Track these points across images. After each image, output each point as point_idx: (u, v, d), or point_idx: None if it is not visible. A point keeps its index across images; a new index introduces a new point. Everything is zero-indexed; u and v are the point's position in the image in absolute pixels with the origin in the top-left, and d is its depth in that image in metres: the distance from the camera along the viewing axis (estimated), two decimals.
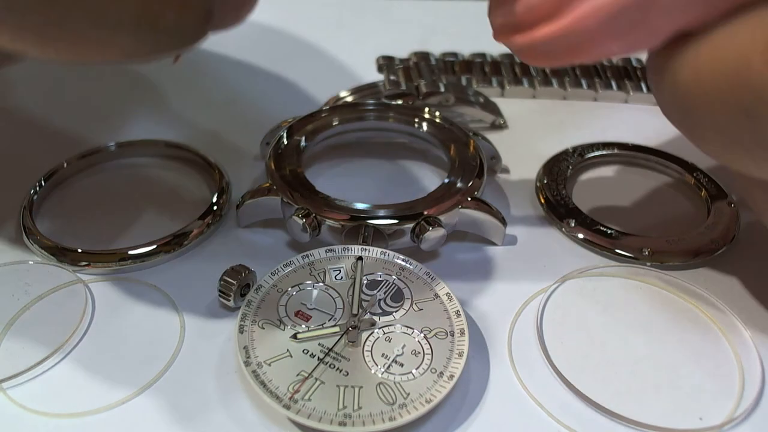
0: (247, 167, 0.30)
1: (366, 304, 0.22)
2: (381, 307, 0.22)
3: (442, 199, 0.25)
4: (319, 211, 0.24)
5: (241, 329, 0.21)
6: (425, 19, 0.43)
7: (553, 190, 0.28)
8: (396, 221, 0.24)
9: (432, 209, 0.24)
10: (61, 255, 0.24)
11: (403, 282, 0.23)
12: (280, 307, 0.22)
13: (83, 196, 0.28)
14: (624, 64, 0.35)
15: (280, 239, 0.26)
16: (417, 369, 0.20)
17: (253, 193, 0.26)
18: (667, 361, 0.22)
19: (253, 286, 0.23)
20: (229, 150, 0.31)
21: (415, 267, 0.24)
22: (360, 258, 0.24)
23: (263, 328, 0.21)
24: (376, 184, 0.29)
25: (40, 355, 0.22)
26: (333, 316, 0.22)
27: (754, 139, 0.16)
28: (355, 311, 0.22)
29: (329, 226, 0.24)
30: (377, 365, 0.21)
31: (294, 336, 0.21)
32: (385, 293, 0.23)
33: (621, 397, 0.21)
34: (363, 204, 0.25)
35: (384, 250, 0.24)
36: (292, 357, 0.21)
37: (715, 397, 0.21)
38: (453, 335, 0.21)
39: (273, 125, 0.29)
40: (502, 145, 0.29)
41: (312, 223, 0.24)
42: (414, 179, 0.30)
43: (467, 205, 0.25)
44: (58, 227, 0.26)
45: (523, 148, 0.31)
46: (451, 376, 0.20)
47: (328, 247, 0.24)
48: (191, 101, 0.34)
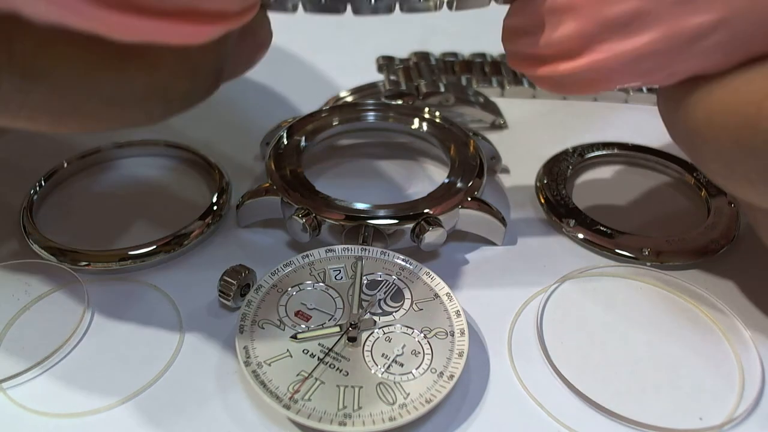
0: (247, 167, 0.30)
1: (366, 304, 0.22)
2: (381, 307, 0.22)
3: (442, 199, 0.25)
4: (319, 211, 0.24)
5: (241, 329, 0.21)
6: (425, 19, 0.43)
7: (553, 190, 0.28)
8: (396, 221, 0.24)
9: (432, 209, 0.24)
10: (61, 255, 0.24)
11: (403, 282, 0.23)
12: (280, 307, 0.22)
13: (83, 196, 0.28)
14: None
15: (280, 239, 0.26)
16: (417, 369, 0.20)
17: (253, 193, 0.26)
18: (667, 361, 0.22)
19: (253, 286, 0.23)
20: (229, 150, 0.31)
21: (415, 267, 0.24)
22: (360, 258, 0.24)
23: (263, 328, 0.21)
24: (376, 184, 0.29)
25: (40, 355, 0.22)
26: (333, 316, 0.22)
27: (760, 175, 0.17)
28: (355, 311, 0.22)
29: (329, 226, 0.24)
30: (377, 365, 0.21)
31: (294, 336, 0.21)
32: (385, 293, 0.23)
33: (621, 397, 0.21)
34: (363, 204, 0.25)
35: (384, 250, 0.24)
36: (292, 357, 0.21)
37: (715, 397, 0.21)
38: (453, 335, 0.21)
39: (273, 125, 0.29)
40: (502, 145, 0.29)
41: (312, 223, 0.24)
42: (414, 179, 0.30)
43: (467, 205, 0.25)
44: (58, 227, 0.26)
45: (523, 148, 0.31)
46: (451, 376, 0.20)
47: (328, 247, 0.24)
48: None
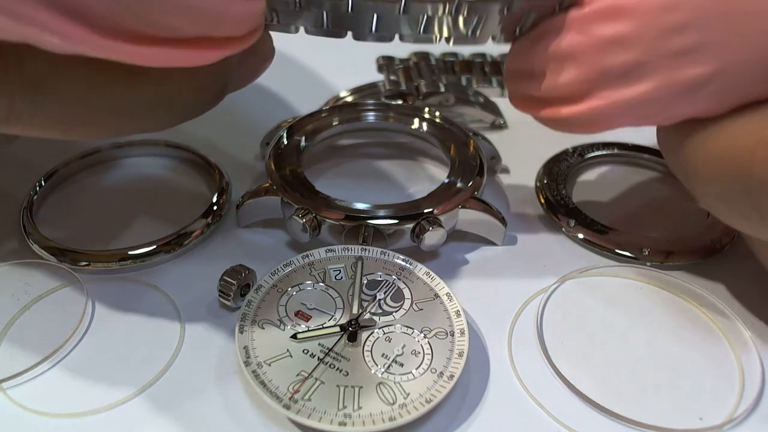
0: (247, 167, 0.30)
1: (366, 304, 0.22)
2: (381, 307, 0.22)
3: (442, 199, 0.25)
4: (319, 211, 0.24)
5: (241, 329, 0.21)
6: None
7: (553, 190, 0.28)
8: (396, 221, 0.24)
9: (432, 209, 0.24)
10: (61, 255, 0.24)
11: (403, 282, 0.23)
12: (280, 307, 0.22)
13: (83, 196, 0.28)
14: None
15: (280, 239, 0.26)
16: (417, 369, 0.20)
17: (253, 193, 0.26)
18: (667, 361, 0.22)
19: (253, 286, 0.23)
20: (229, 150, 0.31)
21: (415, 267, 0.24)
22: (360, 258, 0.24)
23: (263, 328, 0.21)
24: (376, 184, 0.29)
25: (40, 355, 0.22)
26: (333, 316, 0.22)
27: (754, 211, 0.18)
28: (355, 311, 0.22)
29: (329, 226, 0.24)
30: (377, 365, 0.21)
31: (294, 336, 0.21)
32: (385, 293, 0.23)
33: (621, 397, 0.21)
34: (363, 204, 0.25)
35: (384, 250, 0.24)
36: (292, 357, 0.21)
37: (715, 397, 0.21)
38: (453, 335, 0.21)
39: (273, 125, 0.29)
40: (502, 145, 0.29)
41: (312, 223, 0.24)
42: (414, 179, 0.30)
43: (467, 205, 0.25)
44: (58, 227, 0.26)
45: (523, 148, 0.31)
46: (451, 376, 0.20)
47: (328, 247, 0.24)
48: None
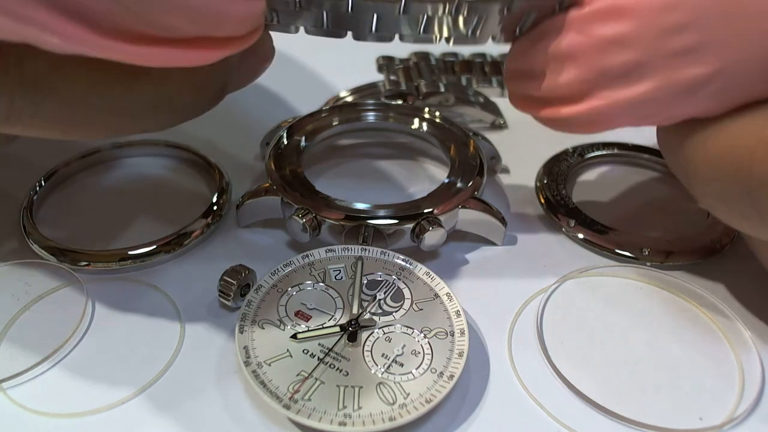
0: (247, 167, 0.30)
1: (366, 304, 0.22)
2: (381, 307, 0.22)
3: (442, 199, 0.25)
4: (319, 211, 0.24)
5: (241, 329, 0.21)
6: None
7: (553, 190, 0.28)
8: (396, 221, 0.24)
9: (432, 209, 0.24)
10: (61, 255, 0.24)
11: (403, 282, 0.23)
12: (280, 307, 0.22)
13: (83, 196, 0.28)
14: None
15: (280, 239, 0.26)
16: (417, 369, 0.20)
17: (253, 193, 0.26)
18: (667, 361, 0.22)
19: (253, 286, 0.23)
20: (229, 150, 0.31)
21: (415, 267, 0.24)
22: (360, 258, 0.24)
23: (263, 328, 0.21)
24: (376, 184, 0.29)
25: (40, 355, 0.22)
26: (333, 316, 0.22)
27: (754, 211, 0.19)
28: (355, 311, 0.22)
29: (329, 226, 0.24)
30: (377, 365, 0.21)
31: (294, 336, 0.21)
32: (385, 293, 0.23)
33: (621, 397, 0.21)
34: (363, 204, 0.25)
35: (384, 250, 0.24)
36: (292, 357, 0.21)
37: (715, 397, 0.21)
38: (453, 335, 0.21)
39: (273, 125, 0.29)
40: (502, 145, 0.29)
41: (312, 223, 0.24)
42: (414, 179, 0.30)
43: (467, 205, 0.25)
44: (58, 227, 0.26)
45: (523, 148, 0.31)
46: (451, 376, 0.20)
47: (328, 247, 0.24)
48: None
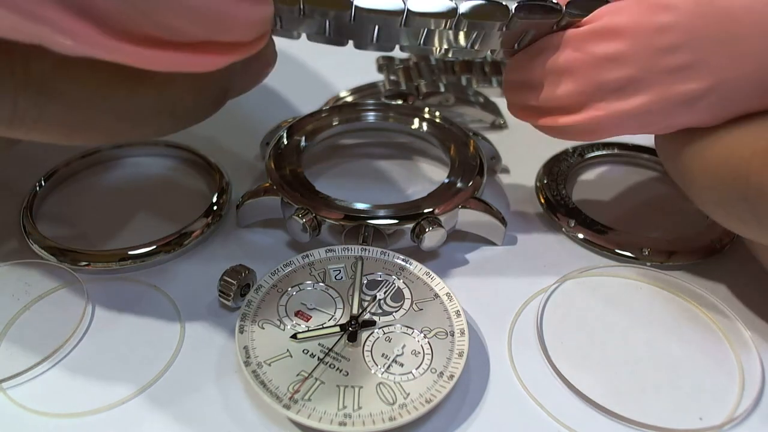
0: (247, 167, 0.30)
1: (366, 304, 0.22)
2: (381, 307, 0.22)
3: (442, 199, 0.25)
4: (319, 211, 0.24)
5: (241, 329, 0.21)
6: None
7: (553, 190, 0.28)
8: (396, 221, 0.24)
9: (432, 209, 0.24)
10: (61, 255, 0.24)
11: (403, 282, 0.23)
12: (280, 307, 0.22)
13: (83, 196, 0.28)
14: None
15: (280, 239, 0.26)
16: (417, 369, 0.20)
17: (253, 193, 0.26)
18: (667, 361, 0.22)
19: (253, 286, 0.23)
20: (229, 150, 0.31)
21: (415, 267, 0.24)
22: (360, 258, 0.24)
23: (263, 328, 0.21)
24: (376, 184, 0.29)
25: (40, 355, 0.22)
26: (333, 316, 0.22)
27: (751, 216, 0.19)
28: (355, 311, 0.22)
29: (329, 226, 0.24)
30: (377, 365, 0.21)
31: (294, 336, 0.21)
32: (385, 293, 0.23)
33: (621, 397, 0.21)
34: (363, 204, 0.25)
35: (384, 250, 0.24)
36: (292, 357, 0.21)
37: (715, 397, 0.21)
38: (453, 335, 0.21)
39: (273, 125, 0.29)
40: (502, 145, 0.29)
41: (312, 223, 0.24)
42: (414, 179, 0.30)
43: (467, 205, 0.25)
44: (58, 227, 0.26)
45: (523, 148, 0.31)
46: (451, 376, 0.20)
47: (328, 247, 0.24)
48: None
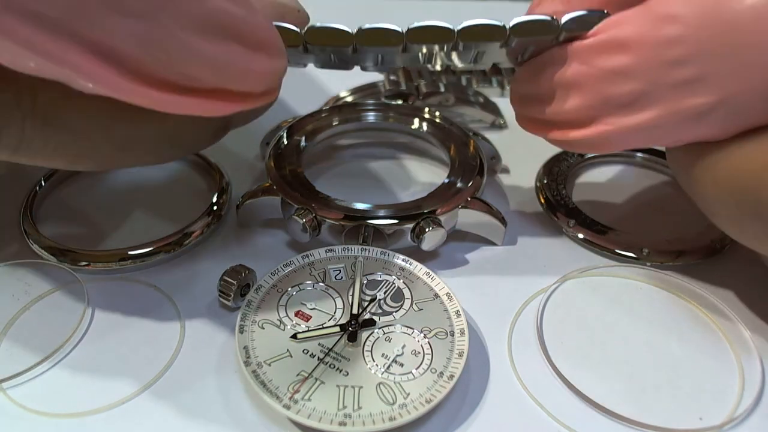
0: (247, 167, 0.30)
1: (366, 304, 0.22)
2: (381, 307, 0.22)
3: (442, 199, 0.25)
4: (319, 211, 0.24)
5: (241, 329, 0.21)
6: (425, 19, 0.43)
7: (553, 190, 0.28)
8: (396, 221, 0.24)
9: (432, 209, 0.24)
10: (61, 255, 0.24)
11: (403, 282, 0.23)
12: (280, 307, 0.22)
13: (83, 196, 0.28)
14: None
15: (280, 239, 0.26)
16: (417, 369, 0.20)
17: (253, 193, 0.26)
18: (667, 361, 0.22)
19: (253, 286, 0.23)
20: (229, 150, 0.31)
21: (415, 267, 0.24)
22: (360, 258, 0.24)
23: (263, 328, 0.21)
24: (376, 184, 0.29)
25: (40, 355, 0.22)
26: (333, 316, 0.22)
27: (763, 231, 0.19)
28: (355, 311, 0.22)
29: (329, 226, 0.24)
30: (377, 365, 0.21)
31: (294, 336, 0.21)
32: (385, 293, 0.23)
33: (621, 397, 0.21)
34: (363, 204, 0.25)
35: (384, 250, 0.24)
36: (292, 357, 0.21)
37: (715, 397, 0.21)
38: (453, 335, 0.21)
39: (273, 125, 0.29)
40: (502, 145, 0.29)
41: (312, 223, 0.24)
42: (414, 179, 0.30)
43: (467, 205, 0.25)
44: (58, 227, 0.26)
45: (523, 148, 0.31)
46: (451, 376, 0.20)
47: (328, 247, 0.24)
48: None
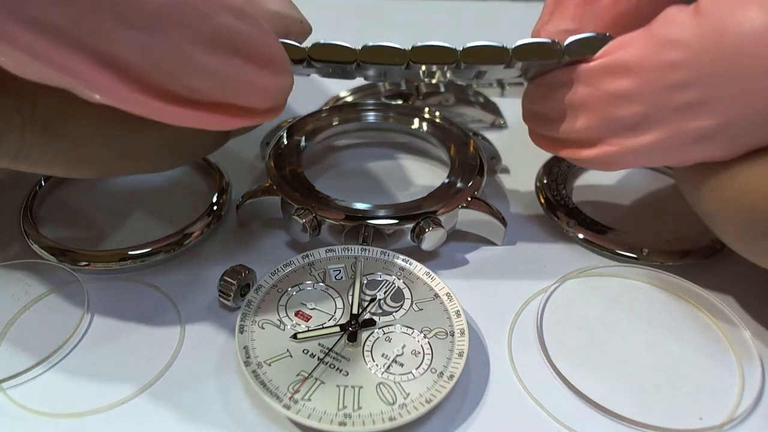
0: (247, 167, 0.30)
1: (366, 304, 0.22)
2: (381, 307, 0.22)
3: (442, 199, 0.25)
4: (319, 211, 0.24)
5: (241, 329, 0.21)
6: (425, 19, 0.43)
7: (553, 190, 0.28)
8: (396, 221, 0.24)
9: (432, 209, 0.24)
10: (60, 255, 0.24)
11: (403, 282, 0.23)
12: (280, 307, 0.22)
13: (83, 197, 0.28)
14: None
15: (280, 239, 0.26)
16: (417, 369, 0.20)
17: (253, 193, 0.26)
18: (667, 361, 0.22)
19: (253, 286, 0.23)
20: (229, 150, 0.30)
21: (415, 267, 0.24)
22: (360, 258, 0.24)
23: (263, 328, 0.21)
24: (376, 184, 0.29)
25: (40, 355, 0.22)
26: (333, 316, 0.22)
27: None
28: (355, 311, 0.22)
29: (329, 226, 0.24)
30: (377, 365, 0.21)
31: (294, 336, 0.21)
32: (385, 293, 0.23)
33: (621, 397, 0.21)
34: (363, 204, 0.25)
35: (384, 250, 0.24)
36: (292, 357, 0.21)
37: (715, 397, 0.21)
38: (453, 335, 0.21)
39: (273, 125, 0.29)
40: (502, 145, 0.29)
41: (312, 223, 0.24)
42: (414, 179, 0.30)
43: (467, 205, 0.25)
44: (58, 227, 0.26)
45: (523, 148, 0.31)
46: (451, 376, 0.20)
47: (328, 247, 0.24)
48: None
